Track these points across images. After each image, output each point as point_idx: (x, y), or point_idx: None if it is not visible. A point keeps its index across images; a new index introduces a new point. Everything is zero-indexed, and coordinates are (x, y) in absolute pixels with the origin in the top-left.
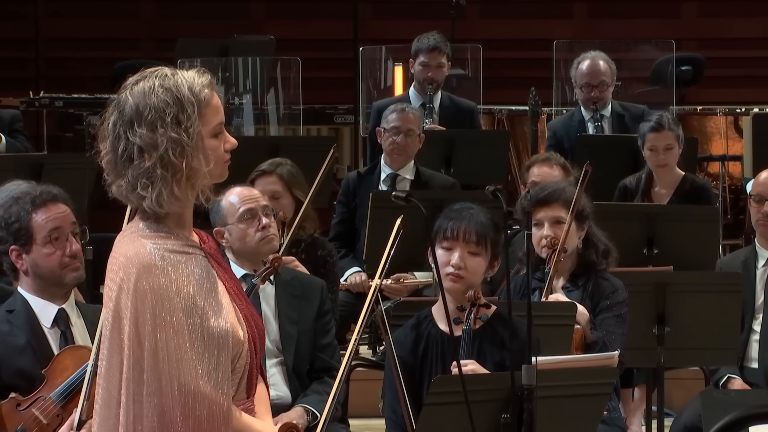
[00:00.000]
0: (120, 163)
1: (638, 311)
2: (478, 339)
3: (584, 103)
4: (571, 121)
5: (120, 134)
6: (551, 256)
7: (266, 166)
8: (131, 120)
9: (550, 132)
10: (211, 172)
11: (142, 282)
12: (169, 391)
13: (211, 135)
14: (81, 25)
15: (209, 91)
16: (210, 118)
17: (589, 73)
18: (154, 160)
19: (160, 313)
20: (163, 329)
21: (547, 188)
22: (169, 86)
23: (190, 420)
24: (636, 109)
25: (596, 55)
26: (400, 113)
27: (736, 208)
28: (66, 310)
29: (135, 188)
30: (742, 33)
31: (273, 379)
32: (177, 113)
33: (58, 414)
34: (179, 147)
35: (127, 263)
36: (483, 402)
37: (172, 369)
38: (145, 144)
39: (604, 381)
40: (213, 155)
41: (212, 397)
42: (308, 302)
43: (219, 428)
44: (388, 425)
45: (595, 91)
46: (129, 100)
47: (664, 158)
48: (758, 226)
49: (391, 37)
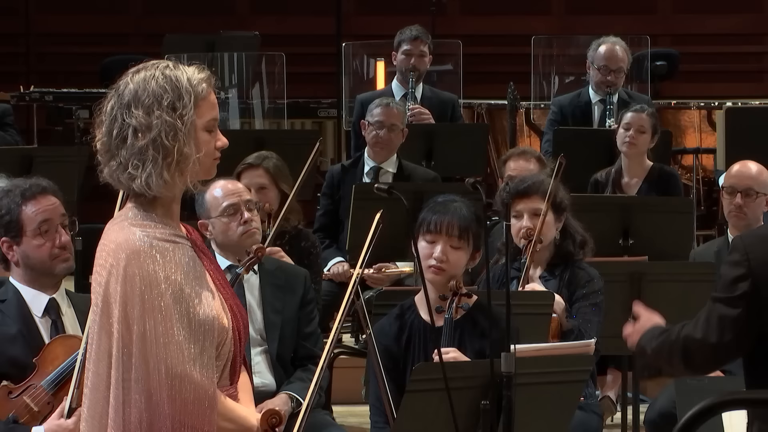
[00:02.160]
0: (114, 143)
1: (614, 300)
2: (459, 328)
3: (598, 85)
4: (578, 101)
5: (116, 116)
6: (527, 246)
7: (252, 159)
8: (129, 103)
9: (555, 107)
10: (201, 161)
11: (132, 267)
12: (157, 374)
13: (204, 128)
14: (71, 20)
15: (207, 86)
16: (205, 111)
17: (608, 57)
18: (147, 141)
19: (148, 297)
20: (151, 314)
21: (526, 180)
22: (169, 75)
23: (177, 402)
24: (641, 98)
25: (615, 40)
26: (384, 108)
27: (709, 200)
28: (57, 299)
29: (126, 168)
30: (715, 29)
31: (258, 367)
32: (174, 100)
33: (48, 402)
34: (173, 131)
35: (116, 249)
36: (463, 389)
37: (160, 352)
38: (139, 125)
39: (581, 368)
40: (204, 148)
41: (198, 381)
42: (292, 292)
43: (205, 411)
44: (372, 411)
45: (612, 75)
46: (129, 85)
47: (634, 137)
48: (730, 217)
49: (373, 33)
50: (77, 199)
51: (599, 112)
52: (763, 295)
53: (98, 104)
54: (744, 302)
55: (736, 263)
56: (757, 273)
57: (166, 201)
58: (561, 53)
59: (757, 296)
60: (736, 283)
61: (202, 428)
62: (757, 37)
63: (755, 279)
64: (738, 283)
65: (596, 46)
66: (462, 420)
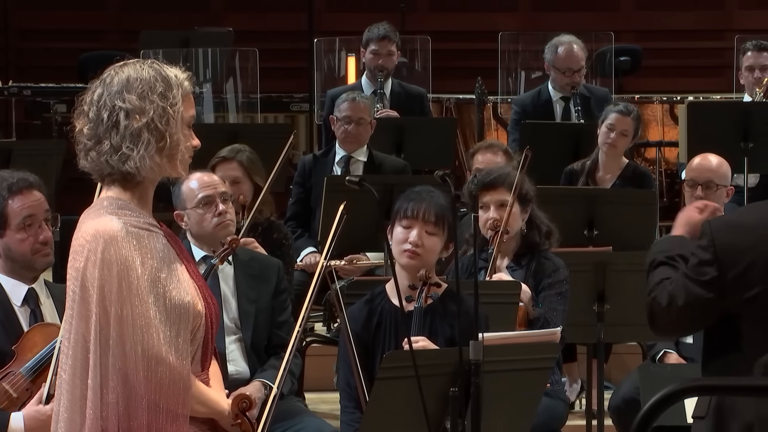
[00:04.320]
0: (104, 127)
1: (579, 289)
2: (429, 316)
3: (563, 87)
4: (539, 99)
5: (106, 102)
6: (494, 237)
7: (226, 152)
8: (120, 90)
9: (517, 107)
10: (187, 150)
11: (109, 253)
12: (133, 356)
13: (186, 123)
14: (49, 17)
15: (189, 85)
16: (188, 107)
17: (569, 58)
18: (142, 124)
19: (125, 282)
20: (128, 297)
21: (492, 173)
22: (158, 69)
23: (153, 383)
24: (600, 92)
25: (571, 39)
26: (350, 102)
27: (672, 192)
28: (36, 289)
29: (119, 150)
30: (677, 25)
31: (232, 355)
32: (165, 89)
33: (27, 388)
34: (165, 117)
35: (94, 236)
36: (432, 376)
37: (136, 335)
38: (134, 107)
39: (547, 356)
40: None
41: (174, 364)
42: (266, 282)
43: (179, 393)
44: (342, 396)
45: (575, 75)
46: (118, 75)
47: (615, 139)
48: None
49: (344, 29)
50: (55, 191)
51: (561, 109)
52: (727, 278)
53: (80, 96)
54: (710, 286)
55: (704, 248)
56: (722, 258)
57: (146, 188)
58: (527, 49)
59: (722, 280)
60: (702, 266)
61: (177, 410)
62: (717, 33)
63: (720, 264)
64: (704, 267)
65: (554, 48)
66: (431, 406)
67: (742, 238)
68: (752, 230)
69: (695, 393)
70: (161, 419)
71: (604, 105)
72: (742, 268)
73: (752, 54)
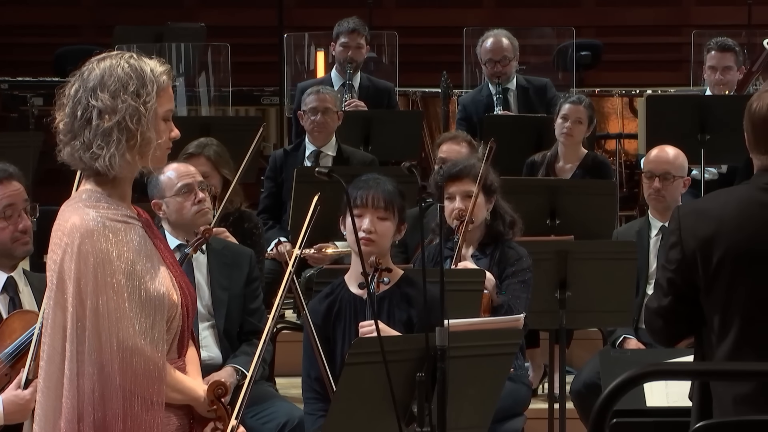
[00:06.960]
0: (78, 124)
1: (542, 277)
2: (386, 300)
3: (489, 78)
4: (479, 96)
5: (81, 99)
6: (460, 227)
7: (193, 148)
8: (94, 87)
9: (461, 107)
10: (160, 147)
11: (86, 246)
12: (109, 346)
13: (162, 118)
14: (26, 12)
15: (167, 79)
16: (164, 101)
17: (492, 50)
18: (113, 124)
19: (101, 275)
20: (104, 290)
21: (458, 164)
22: (134, 64)
23: (128, 374)
24: (539, 82)
25: (498, 32)
26: (316, 94)
27: (631, 182)
28: (14, 278)
29: (90, 148)
30: (636, 21)
31: (205, 341)
32: (138, 87)
33: (6, 373)
34: (137, 115)
35: (71, 229)
36: (399, 362)
37: (112, 326)
38: (105, 107)
39: (511, 342)
40: (163, 136)
41: (148, 353)
42: (238, 270)
43: (154, 382)
44: (304, 388)
45: (497, 66)
46: (95, 71)
47: (571, 128)
48: (650, 200)
49: (313, 24)
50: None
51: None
52: (689, 262)
53: (60, 88)
54: (677, 267)
55: (671, 232)
56: (686, 241)
57: (123, 182)
58: None
59: (685, 263)
60: (671, 249)
61: (152, 398)
62: (675, 28)
63: (684, 246)
64: (671, 250)
65: (481, 42)
66: (399, 391)
67: (705, 224)
68: (715, 217)
69: (654, 377)
70: (136, 407)
71: (543, 95)
72: (703, 253)
73: (715, 54)
